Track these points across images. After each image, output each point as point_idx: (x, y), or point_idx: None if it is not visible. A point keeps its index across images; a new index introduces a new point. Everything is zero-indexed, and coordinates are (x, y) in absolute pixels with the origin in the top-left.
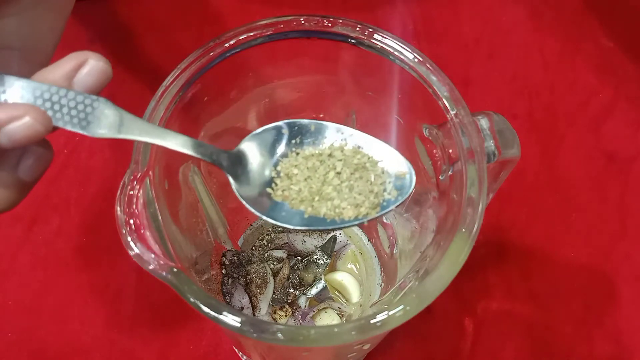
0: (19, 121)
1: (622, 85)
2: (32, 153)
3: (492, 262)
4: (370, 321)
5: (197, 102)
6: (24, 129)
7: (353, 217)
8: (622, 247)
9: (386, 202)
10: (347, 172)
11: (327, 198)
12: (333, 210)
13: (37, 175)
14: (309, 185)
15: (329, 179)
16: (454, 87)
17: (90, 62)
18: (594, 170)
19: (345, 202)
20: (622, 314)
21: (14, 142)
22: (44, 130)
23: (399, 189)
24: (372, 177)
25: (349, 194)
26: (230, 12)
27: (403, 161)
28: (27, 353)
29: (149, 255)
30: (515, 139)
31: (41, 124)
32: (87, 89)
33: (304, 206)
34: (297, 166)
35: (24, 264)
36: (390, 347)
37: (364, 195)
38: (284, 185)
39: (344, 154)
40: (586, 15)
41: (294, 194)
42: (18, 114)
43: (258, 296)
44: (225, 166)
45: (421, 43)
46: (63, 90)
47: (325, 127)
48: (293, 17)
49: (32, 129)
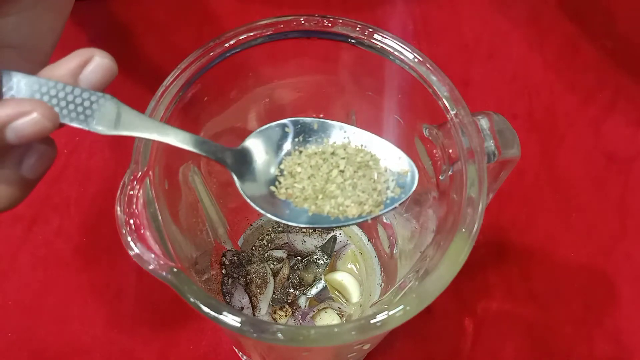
0: (26, 117)
1: (622, 85)
2: (36, 151)
3: (492, 262)
4: (370, 321)
5: (197, 102)
6: (32, 125)
7: (357, 215)
8: (622, 247)
9: (389, 200)
10: (350, 170)
11: (330, 196)
12: (337, 208)
13: (40, 173)
14: (312, 184)
15: (333, 177)
16: (454, 87)
17: (96, 59)
18: (594, 170)
19: (349, 200)
20: (622, 314)
21: (21, 138)
22: (51, 126)
23: (401, 186)
24: (375, 175)
25: (352, 191)
26: (230, 12)
27: (405, 159)
28: (27, 353)
29: (149, 255)
30: (515, 139)
31: (49, 120)
32: (92, 85)
33: (308, 204)
34: (300, 164)
35: (24, 264)
36: (390, 347)
37: (367, 193)
38: (288, 184)
39: (347, 152)
40: (586, 15)
41: (298, 192)
42: (26, 109)
43: (258, 296)
44: (229, 164)
45: (421, 43)
46: (69, 87)
47: (328, 125)
48: (293, 17)
49: (39, 124)
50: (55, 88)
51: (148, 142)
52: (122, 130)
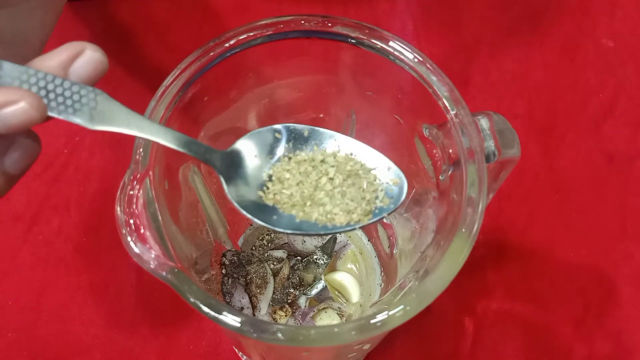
0: (14, 106)
1: (622, 85)
2: (20, 145)
3: (492, 262)
4: (370, 321)
5: (197, 102)
6: (19, 114)
7: (345, 223)
8: (622, 247)
9: (378, 210)
10: (339, 178)
11: (319, 203)
12: (325, 216)
13: (23, 168)
14: (300, 190)
15: (322, 185)
16: (454, 87)
17: (87, 52)
18: (594, 170)
19: (337, 207)
20: (622, 314)
21: (8, 128)
22: (38, 117)
23: (390, 197)
24: (364, 184)
25: (341, 200)
26: (231, 12)
27: (395, 170)
28: (27, 353)
29: (149, 255)
30: (515, 139)
31: (36, 110)
32: (82, 79)
33: (295, 211)
34: (289, 170)
35: (24, 264)
36: (390, 347)
37: (356, 202)
38: (276, 189)
39: (336, 160)
40: (586, 15)
41: (286, 198)
42: (14, 98)
43: (258, 296)
44: (217, 166)
45: (421, 43)
46: (59, 79)
47: (320, 132)
48: (293, 17)
49: (27, 114)
50: (44, 79)
51: (148, 142)
52: (111, 126)
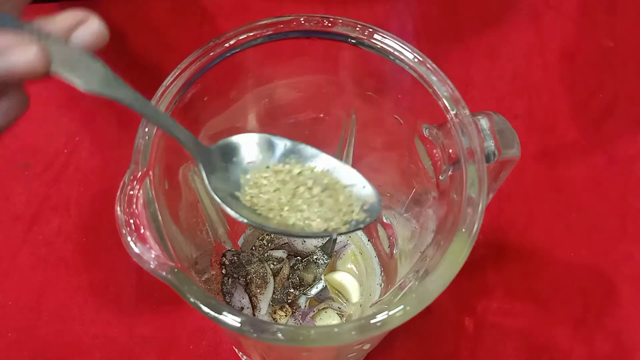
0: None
1: (622, 85)
2: (11, 97)
3: (492, 262)
4: (370, 321)
5: (197, 102)
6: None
7: (322, 230)
8: (622, 247)
9: (354, 222)
10: (317, 189)
11: (297, 209)
12: (303, 221)
13: (9, 120)
14: (278, 197)
15: (300, 193)
16: (454, 87)
17: (93, 20)
18: (594, 170)
19: (315, 214)
20: (622, 314)
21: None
22: (42, 69)
23: (366, 211)
24: (340, 197)
25: (319, 208)
26: (230, 12)
27: (370, 188)
28: (27, 353)
29: (149, 255)
30: (515, 139)
31: (42, 61)
32: (84, 45)
33: (273, 214)
34: (266, 178)
35: (24, 264)
36: (390, 347)
37: (333, 212)
38: (253, 193)
39: (313, 173)
40: (586, 15)
41: (263, 202)
42: (23, 43)
43: (258, 296)
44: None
45: (421, 43)
46: (61, 41)
47: (300, 148)
48: (293, 17)
49: (32, 63)
50: (48, 38)
51: (148, 142)
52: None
